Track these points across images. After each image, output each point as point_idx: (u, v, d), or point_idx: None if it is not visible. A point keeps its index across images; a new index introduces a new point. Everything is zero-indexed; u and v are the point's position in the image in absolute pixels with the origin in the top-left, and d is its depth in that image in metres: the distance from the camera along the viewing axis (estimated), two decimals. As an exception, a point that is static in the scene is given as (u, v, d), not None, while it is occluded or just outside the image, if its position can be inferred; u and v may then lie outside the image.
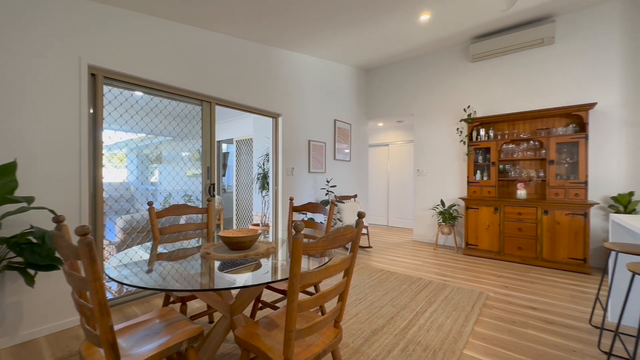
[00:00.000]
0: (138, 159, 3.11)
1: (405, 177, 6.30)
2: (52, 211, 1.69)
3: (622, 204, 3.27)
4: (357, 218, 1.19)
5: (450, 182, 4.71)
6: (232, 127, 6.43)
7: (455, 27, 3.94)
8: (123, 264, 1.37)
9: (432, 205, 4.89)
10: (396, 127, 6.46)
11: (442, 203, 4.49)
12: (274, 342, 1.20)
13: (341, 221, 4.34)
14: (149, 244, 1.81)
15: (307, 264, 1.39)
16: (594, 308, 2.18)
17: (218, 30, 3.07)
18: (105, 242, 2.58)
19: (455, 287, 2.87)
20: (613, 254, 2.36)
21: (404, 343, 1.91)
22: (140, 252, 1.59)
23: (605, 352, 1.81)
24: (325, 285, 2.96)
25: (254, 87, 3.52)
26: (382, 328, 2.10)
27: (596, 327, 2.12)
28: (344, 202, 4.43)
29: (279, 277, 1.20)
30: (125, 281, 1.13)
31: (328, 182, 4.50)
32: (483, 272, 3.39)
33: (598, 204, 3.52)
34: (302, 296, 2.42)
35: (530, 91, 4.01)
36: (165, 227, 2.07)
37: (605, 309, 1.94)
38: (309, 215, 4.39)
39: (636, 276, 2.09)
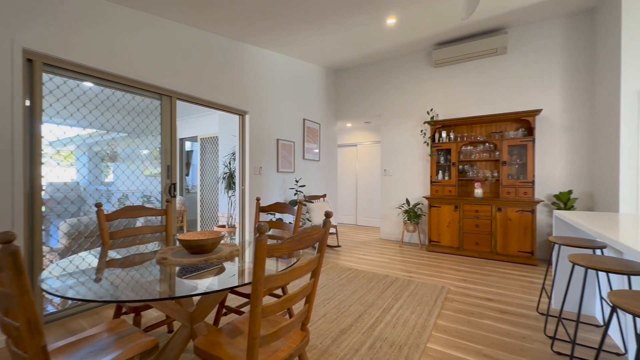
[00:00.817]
0: (87, 156, 2.82)
1: (373, 177, 6.46)
2: (-26, 215, 1.46)
3: (563, 201, 3.63)
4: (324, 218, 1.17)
5: (415, 181, 4.90)
6: (196, 124, 6.12)
7: (420, 33, 4.11)
8: (67, 272, 1.21)
9: (398, 204, 5.05)
10: (364, 127, 6.59)
11: (408, 202, 4.66)
12: (237, 350, 1.13)
13: (310, 221, 4.32)
14: (99, 249, 1.64)
15: (274, 266, 1.34)
16: (540, 297, 2.38)
17: (181, 21, 2.89)
18: (45, 248, 2.30)
19: (419, 283, 2.98)
20: (556, 246, 2.60)
21: (372, 340, 1.94)
22: (88, 259, 1.43)
23: (550, 337, 1.98)
24: (294, 286, 2.91)
25: (220, 83, 3.36)
26: (350, 327, 2.11)
27: (542, 314, 2.32)
28: (313, 202, 4.41)
29: (245, 281, 1.14)
30: (69, 292, 1.00)
31: (297, 181, 4.45)
32: (445, 267, 3.56)
33: (543, 201, 3.87)
34: (268, 299, 2.35)
35: (486, 97, 4.31)
36: (117, 231, 1.89)
37: (550, 297, 2.12)
38: (278, 215, 4.31)
39: (575, 266, 2.32)
